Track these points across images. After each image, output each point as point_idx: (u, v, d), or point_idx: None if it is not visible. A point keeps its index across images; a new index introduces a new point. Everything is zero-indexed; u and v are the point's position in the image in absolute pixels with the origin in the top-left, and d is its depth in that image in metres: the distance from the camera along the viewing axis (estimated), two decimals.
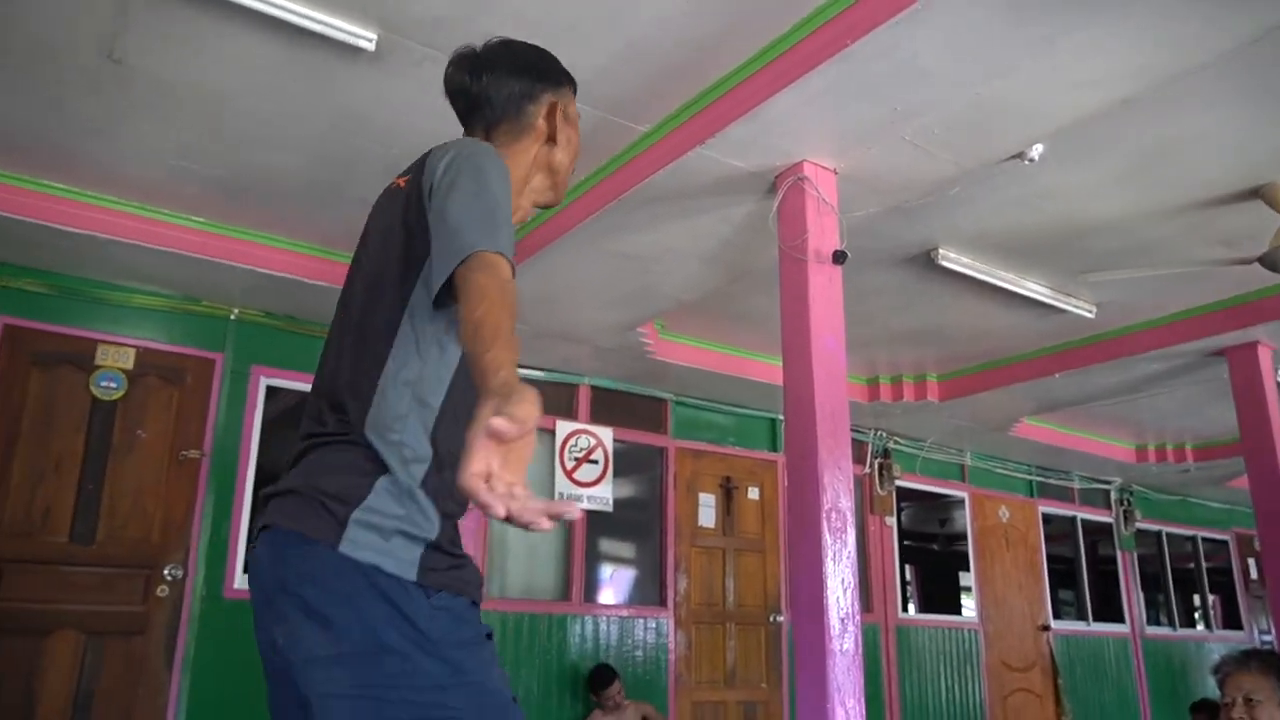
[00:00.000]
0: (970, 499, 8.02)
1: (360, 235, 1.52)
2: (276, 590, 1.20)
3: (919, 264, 4.60)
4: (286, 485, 1.28)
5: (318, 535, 1.19)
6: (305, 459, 1.31)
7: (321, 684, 1.14)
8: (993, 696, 7.57)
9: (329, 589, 1.17)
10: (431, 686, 1.16)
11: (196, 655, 4.54)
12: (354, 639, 1.15)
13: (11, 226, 4.01)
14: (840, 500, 3.14)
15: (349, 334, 1.37)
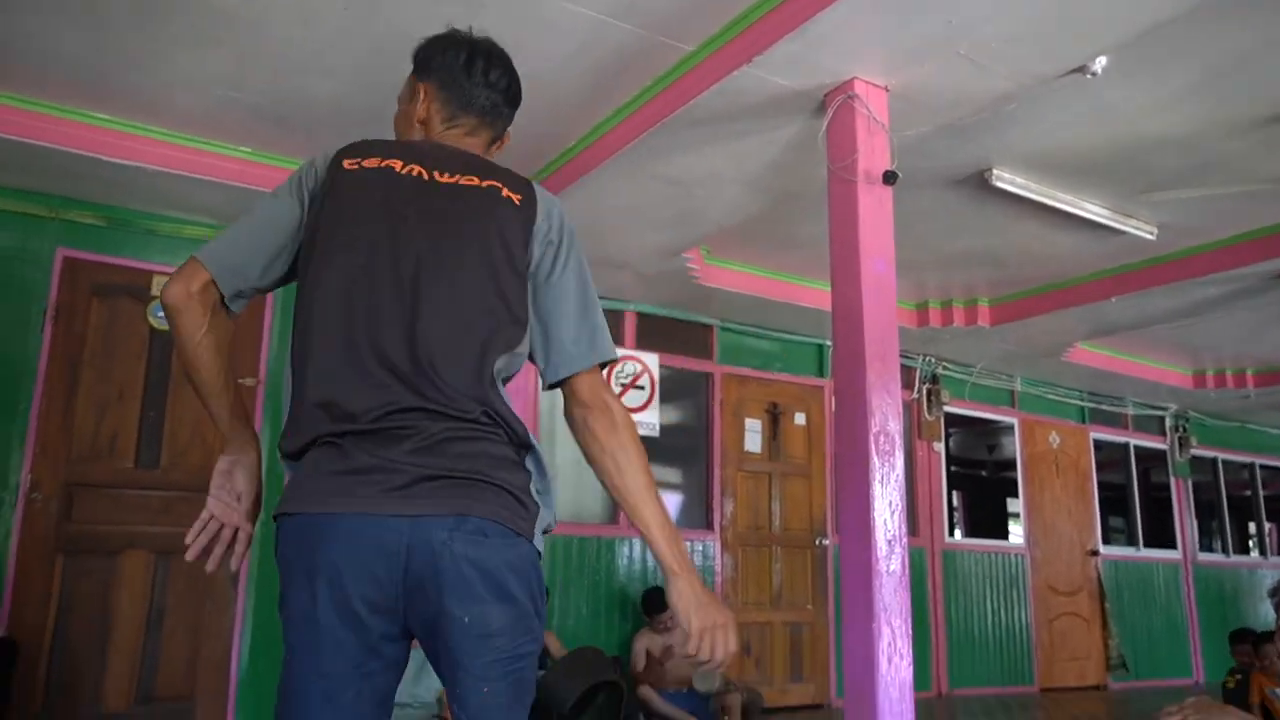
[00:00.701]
0: (1020, 425, 7.94)
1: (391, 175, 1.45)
2: (475, 573, 1.29)
3: (971, 185, 4.48)
4: (466, 471, 1.32)
5: (523, 532, 1.35)
6: (460, 444, 1.33)
7: (489, 654, 1.29)
8: (1039, 620, 7.61)
9: (526, 578, 1.33)
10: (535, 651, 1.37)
11: (259, 575, 4.71)
12: (529, 618, 1.34)
13: (63, 158, 4.06)
14: (888, 423, 3.13)
15: (457, 321, 1.37)
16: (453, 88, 1.58)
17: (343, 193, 1.43)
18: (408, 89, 1.63)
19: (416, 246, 1.39)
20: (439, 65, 1.59)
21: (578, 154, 4.23)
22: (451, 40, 1.61)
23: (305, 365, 1.36)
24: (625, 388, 5.98)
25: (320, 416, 1.32)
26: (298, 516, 1.31)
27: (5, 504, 4.26)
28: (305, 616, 1.28)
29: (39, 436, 4.36)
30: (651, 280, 5.64)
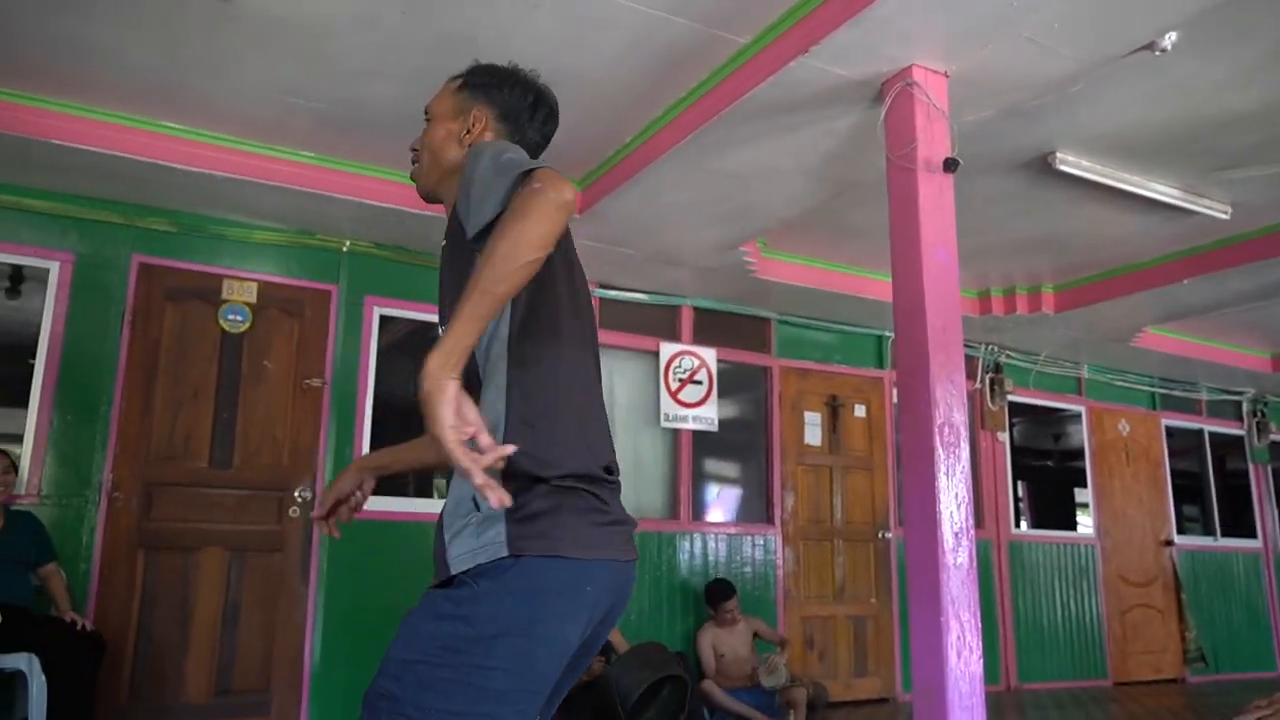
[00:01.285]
0: (1088, 413, 7.76)
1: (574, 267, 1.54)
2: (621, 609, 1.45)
3: (1035, 169, 4.39)
4: (634, 523, 1.51)
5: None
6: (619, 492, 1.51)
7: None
8: (1110, 611, 7.43)
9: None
10: None
11: (329, 571, 4.83)
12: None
13: (136, 167, 4.20)
14: (953, 414, 3.09)
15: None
16: (513, 123, 1.63)
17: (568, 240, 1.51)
18: (455, 106, 1.64)
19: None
20: (503, 99, 1.63)
21: (633, 151, 4.24)
22: (519, 79, 1.65)
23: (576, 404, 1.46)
24: (683, 383, 5.99)
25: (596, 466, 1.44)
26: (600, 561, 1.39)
27: (89, 502, 4.42)
28: (564, 650, 1.34)
29: (119, 437, 4.52)
30: (708, 275, 5.63)
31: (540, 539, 1.30)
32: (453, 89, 1.67)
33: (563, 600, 1.31)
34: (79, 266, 4.56)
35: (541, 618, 1.29)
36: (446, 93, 1.67)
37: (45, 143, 3.97)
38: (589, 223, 4.79)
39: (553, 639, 1.30)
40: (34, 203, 4.47)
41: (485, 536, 1.31)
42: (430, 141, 1.64)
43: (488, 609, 1.27)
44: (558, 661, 1.32)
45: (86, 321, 4.54)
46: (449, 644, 1.25)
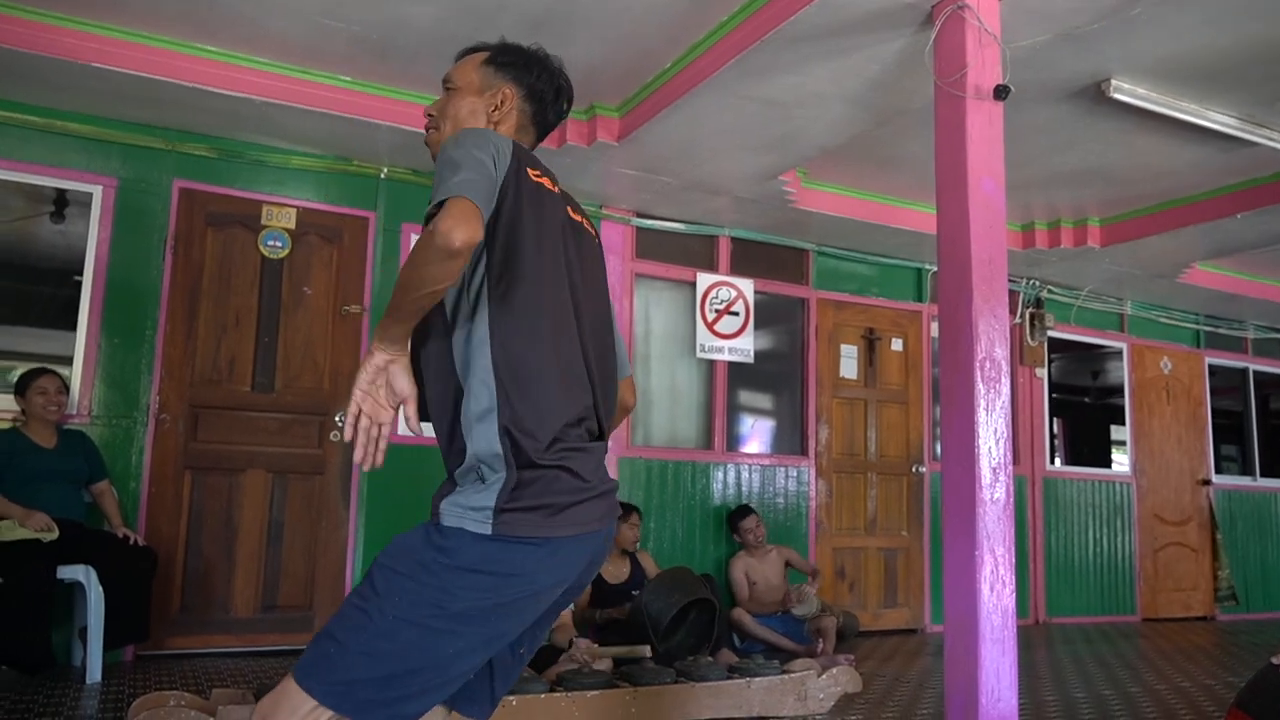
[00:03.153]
0: (1129, 350, 7.65)
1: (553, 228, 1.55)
2: (598, 565, 1.55)
3: (1087, 97, 4.25)
4: (611, 487, 1.54)
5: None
6: (599, 456, 1.54)
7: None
8: (1144, 549, 7.43)
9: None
10: None
11: (369, 494, 4.93)
12: None
13: (176, 91, 4.19)
14: (995, 349, 3.05)
15: (604, 364, 1.60)
16: (537, 105, 1.69)
17: (533, 203, 1.50)
18: (482, 80, 1.67)
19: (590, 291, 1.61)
20: (530, 81, 1.68)
21: (673, 76, 4.16)
22: (546, 65, 1.70)
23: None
24: (720, 313, 5.97)
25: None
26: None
27: (138, 424, 4.54)
28: (525, 617, 1.47)
29: (164, 361, 4.61)
30: (747, 204, 5.56)
31: (518, 523, 1.38)
32: (478, 62, 1.68)
33: (531, 579, 1.40)
34: (122, 191, 4.60)
35: (509, 595, 1.39)
36: (471, 65, 1.69)
37: (87, 66, 3.97)
38: (626, 150, 4.73)
39: (516, 608, 1.41)
40: (77, 126, 4.50)
41: (475, 501, 1.39)
42: (455, 112, 1.66)
43: (460, 576, 1.37)
44: (516, 625, 1.44)
45: (130, 246, 4.60)
46: (426, 564, 1.36)
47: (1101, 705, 3.96)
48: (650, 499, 5.66)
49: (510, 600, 1.38)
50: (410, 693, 1.35)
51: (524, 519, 1.37)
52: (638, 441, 5.76)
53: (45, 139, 4.46)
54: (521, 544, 1.37)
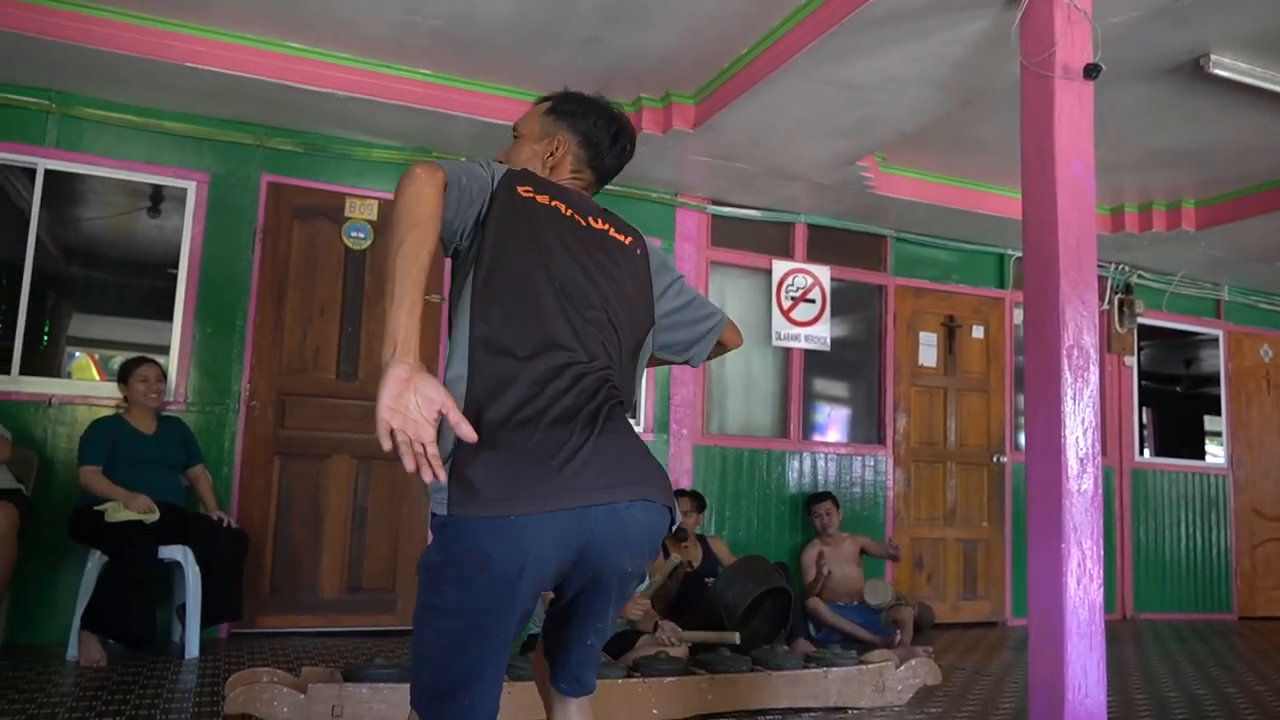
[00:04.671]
0: (1225, 337, 7.34)
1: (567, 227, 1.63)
2: (650, 548, 1.54)
3: (1184, 74, 4.08)
4: (643, 450, 1.55)
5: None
6: (622, 424, 1.53)
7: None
8: (1240, 545, 7.14)
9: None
10: None
11: None
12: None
13: (263, 88, 4.32)
14: (1083, 337, 2.97)
15: (622, 345, 1.62)
16: (593, 150, 1.79)
17: (522, 213, 1.57)
18: (541, 129, 1.79)
19: (615, 284, 1.65)
20: (586, 128, 1.78)
21: (749, 63, 4.13)
22: (604, 110, 1.81)
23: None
24: (796, 301, 5.91)
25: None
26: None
27: (230, 410, 4.71)
28: (505, 589, 1.43)
29: (254, 350, 4.77)
30: (824, 190, 5.50)
31: (467, 502, 1.36)
32: (541, 112, 1.81)
33: (490, 559, 1.36)
34: (214, 186, 4.76)
35: (470, 574, 1.37)
36: (535, 115, 1.82)
37: (181, 66, 4.12)
38: (702, 137, 4.71)
39: (489, 586, 1.38)
40: (173, 125, 4.67)
41: (442, 486, 1.38)
42: (515, 159, 1.79)
43: (436, 556, 1.41)
44: (502, 599, 1.38)
45: (221, 239, 4.76)
46: (427, 564, 1.43)
47: (1195, 705, 3.83)
48: (725, 487, 5.65)
49: (479, 582, 1.37)
50: (469, 702, 1.40)
51: (473, 496, 1.36)
52: (713, 430, 5.76)
53: (143, 137, 4.65)
54: (474, 521, 1.36)
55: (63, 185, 4.59)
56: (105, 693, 3.33)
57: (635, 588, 1.56)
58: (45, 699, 3.21)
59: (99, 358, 4.84)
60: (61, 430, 4.39)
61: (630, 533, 1.46)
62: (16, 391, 4.36)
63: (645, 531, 1.48)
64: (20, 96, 4.42)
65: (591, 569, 1.46)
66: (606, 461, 1.43)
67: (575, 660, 1.59)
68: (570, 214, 1.64)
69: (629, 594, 1.56)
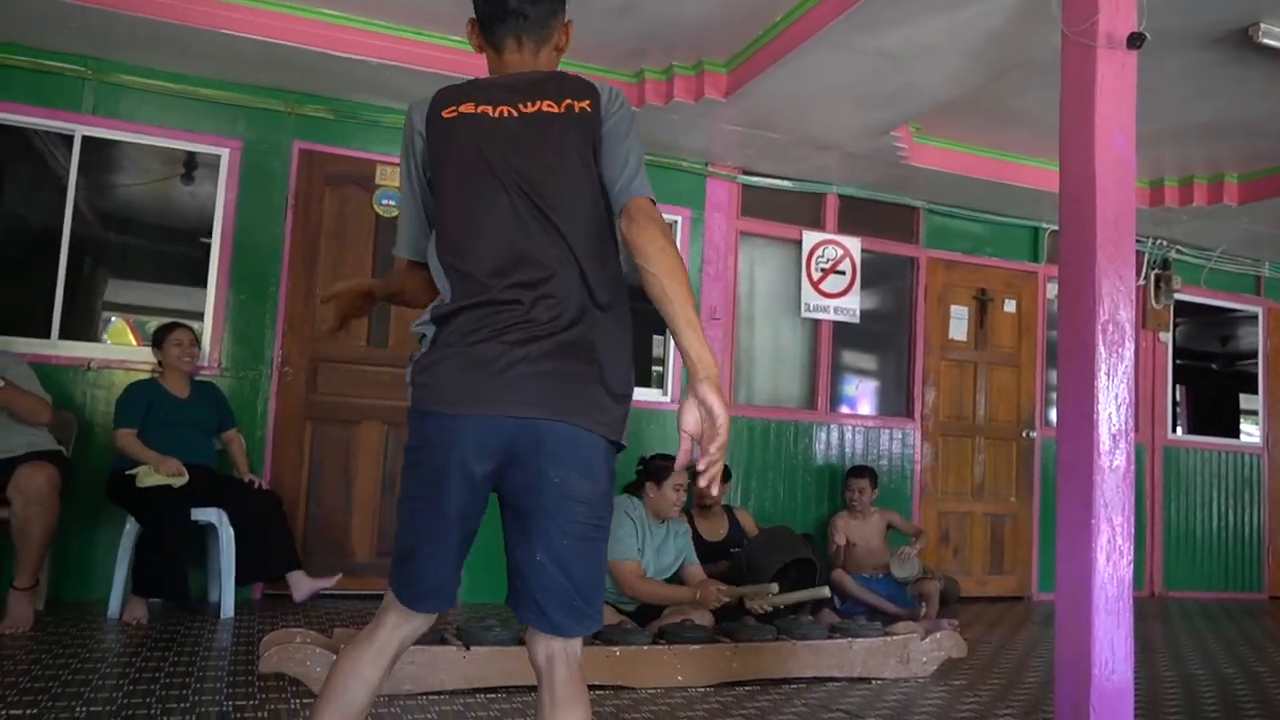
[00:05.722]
0: (1265, 314, 7.21)
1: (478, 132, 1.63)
2: (578, 464, 1.59)
3: (1231, 44, 3.98)
4: (575, 371, 1.59)
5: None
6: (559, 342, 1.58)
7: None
8: (1274, 525, 7.06)
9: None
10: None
11: None
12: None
13: (296, 55, 4.33)
14: (1118, 312, 2.92)
15: (569, 237, 1.59)
16: (481, 10, 1.72)
17: (443, 143, 1.63)
18: (471, 34, 1.78)
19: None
20: (475, 11, 1.74)
21: (783, 30, 4.08)
22: None
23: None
24: (826, 272, 5.87)
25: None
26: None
27: (263, 376, 4.77)
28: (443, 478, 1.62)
29: (286, 316, 4.82)
30: (856, 161, 5.44)
31: (417, 394, 1.58)
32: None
33: (428, 450, 1.56)
34: (246, 152, 4.79)
35: (416, 460, 1.59)
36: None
37: (216, 32, 4.14)
38: (734, 106, 4.67)
39: (429, 471, 1.56)
40: (206, 91, 4.70)
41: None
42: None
43: (407, 446, 1.63)
44: (439, 484, 1.55)
45: (254, 206, 4.80)
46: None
47: (1223, 684, 3.81)
48: (752, 458, 5.66)
49: (424, 467, 1.57)
50: (415, 566, 1.61)
51: (416, 393, 1.58)
52: (740, 400, 5.76)
53: (178, 104, 4.68)
54: (418, 414, 1.58)
55: (99, 151, 4.64)
56: (145, 650, 3.42)
57: (583, 512, 1.53)
58: (88, 654, 3.30)
59: (135, 322, 4.92)
60: (100, 394, 4.47)
61: (548, 446, 1.52)
62: (56, 355, 4.44)
63: (567, 446, 1.53)
64: (57, 63, 4.46)
65: (520, 476, 1.54)
66: (534, 379, 1.51)
67: (533, 582, 1.55)
68: (477, 112, 1.62)
69: (575, 517, 1.53)
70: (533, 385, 1.51)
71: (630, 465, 4.25)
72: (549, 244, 1.55)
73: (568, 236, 1.56)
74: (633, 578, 3.82)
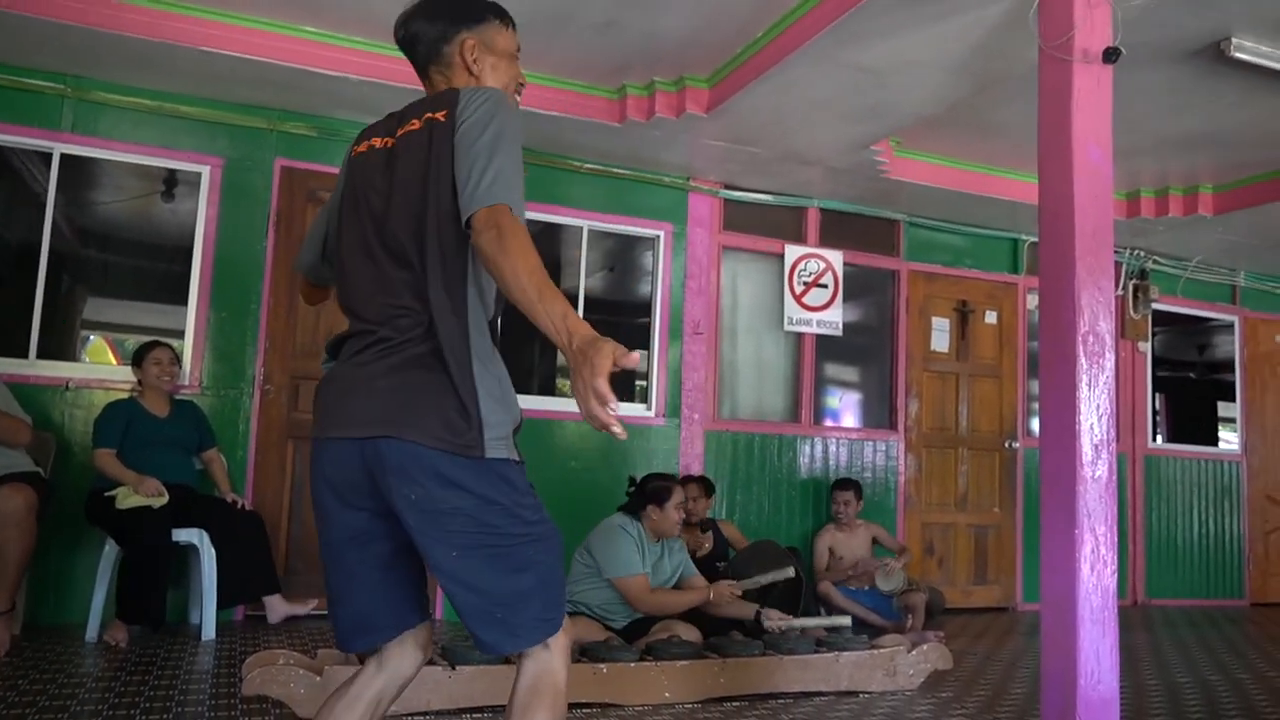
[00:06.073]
0: (1241, 323, 7.30)
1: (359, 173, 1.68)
2: (420, 476, 1.60)
3: (1205, 58, 4.04)
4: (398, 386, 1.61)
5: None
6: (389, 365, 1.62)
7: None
8: (1254, 531, 7.12)
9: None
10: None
11: None
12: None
13: (279, 72, 4.32)
14: (1098, 323, 2.96)
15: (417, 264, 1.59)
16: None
17: (347, 185, 1.70)
18: None
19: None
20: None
21: (764, 45, 4.10)
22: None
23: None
24: (808, 286, 5.90)
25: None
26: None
27: (244, 394, 4.73)
28: (318, 503, 1.70)
29: (268, 334, 4.79)
30: (837, 175, 5.47)
31: (312, 427, 1.67)
32: None
33: (311, 480, 1.65)
34: (228, 170, 4.77)
35: (311, 493, 1.66)
36: None
37: (195, 50, 4.12)
38: (715, 121, 4.69)
39: (315, 503, 1.64)
40: (187, 109, 4.68)
41: None
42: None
43: None
44: (319, 510, 1.63)
45: (235, 224, 4.77)
46: None
47: (1207, 691, 3.83)
48: (736, 472, 5.66)
49: (312, 497, 1.64)
50: (331, 605, 1.66)
51: (313, 425, 1.66)
52: (724, 414, 5.76)
53: (157, 121, 4.65)
54: (311, 444, 1.66)
55: (78, 169, 4.61)
56: (125, 673, 3.37)
57: (461, 523, 1.46)
58: (66, 678, 3.25)
59: (114, 341, 4.87)
60: (78, 414, 4.42)
61: (393, 463, 1.49)
62: (34, 375, 4.39)
63: (412, 462, 1.47)
64: (36, 81, 4.43)
65: (387, 497, 1.52)
66: (377, 397, 1.52)
67: (453, 604, 1.53)
68: (369, 147, 1.67)
69: (454, 529, 1.47)
70: (375, 404, 1.51)
71: (618, 484, 4.24)
72: (398, 269, 1.54)
73: (415, 261, 1.52)
74: (642, 592, 3.81)
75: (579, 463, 5.29)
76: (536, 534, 1.52)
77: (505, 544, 1.49)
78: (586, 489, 5.14)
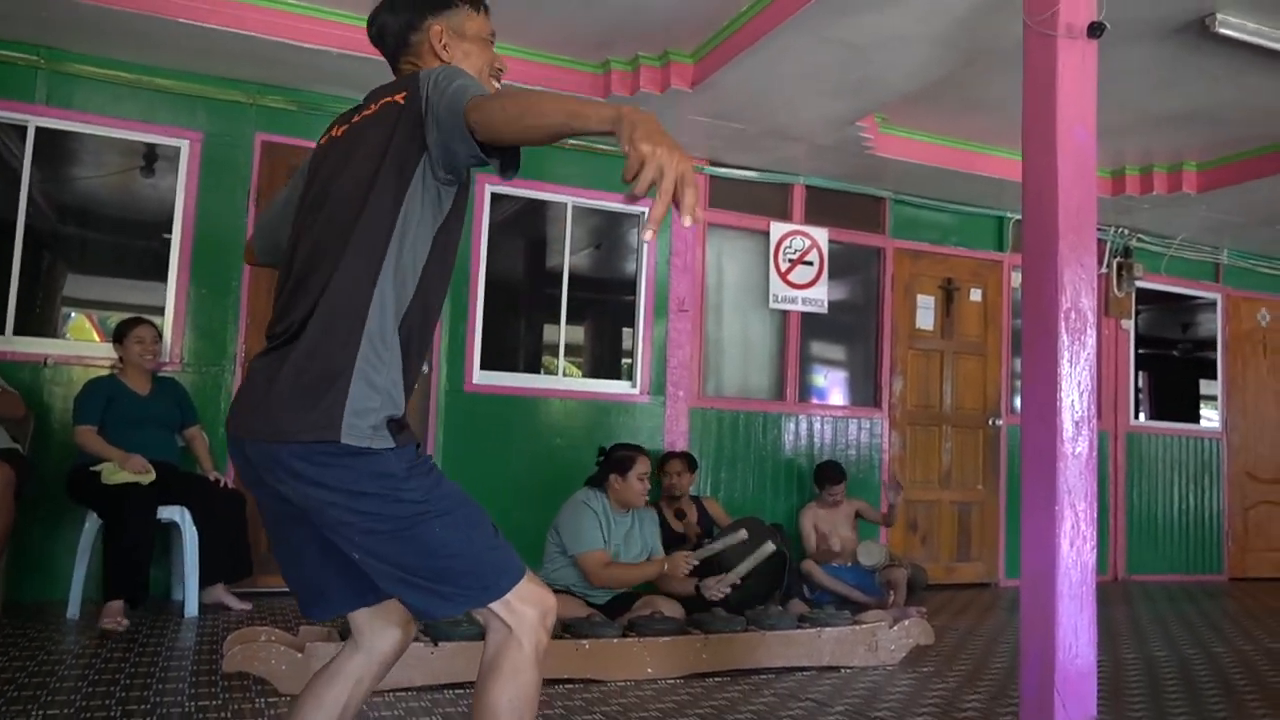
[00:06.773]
0: (1223, 301, 7.34)
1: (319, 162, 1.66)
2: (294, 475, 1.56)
3: (1190, 34, 4.03)
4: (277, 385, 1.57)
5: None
6: (282, 362, 1.57)
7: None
8: (1233, 507, 7.20)
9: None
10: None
11: (445, 443, 5.04)
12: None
13: (259, 45, 4.26)
14: (1081, 300, 2.95)
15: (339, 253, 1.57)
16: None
17: (310, 175, 1.68)
18: None
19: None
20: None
21: (749, 19, 4.07)
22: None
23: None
24: (793, 263, 5.89)
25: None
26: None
27: (226, 371, 4.70)
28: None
29: (249, 311, 4.75)
30: (823, 151, 5.45)
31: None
32: None
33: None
34: (207, 145, 4.71)
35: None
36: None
37: (174, 22, 4.05)
38: (700, 97, 4.66)
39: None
40: (165, 82, 4.61)
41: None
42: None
43: None
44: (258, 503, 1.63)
45: (215, 199, 4.72)
46: None
47: (1184, 666, 3.88)
48: (721, 450, 5.67)
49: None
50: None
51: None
52: (709, 392, 5.76)
53: (136, 95, 4.59)
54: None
55: (54, 143, 4.54)
56: (106, 651, 3.36)
57: (350, 508, 1.43)
58: (46, 656, 3.24)
59: (97, 318, 4.83)
60: (58, 390, 4.39)
61: (263, 462, 1.48)
62: (11, 351, 4.34)
63: (274, 461, 1.46)
64: (8, 52, 4.36)
65: (269, 490, 1.54)
66: (248, 398, 1.53)
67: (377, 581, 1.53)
68: (329, 138, 1.67)
69: (347, 517, 1.44)
70: (248, 402, 1.52)
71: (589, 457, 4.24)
72: (321, 260, 1.50)
73: (334, 247, 1.49)
74: (598, 567, 3.81)
75: (564, 440, 5.29)
76: (436, 509, 1.46)
77: (400, 527, 1.44)
78: (571, 466, 5.14)
